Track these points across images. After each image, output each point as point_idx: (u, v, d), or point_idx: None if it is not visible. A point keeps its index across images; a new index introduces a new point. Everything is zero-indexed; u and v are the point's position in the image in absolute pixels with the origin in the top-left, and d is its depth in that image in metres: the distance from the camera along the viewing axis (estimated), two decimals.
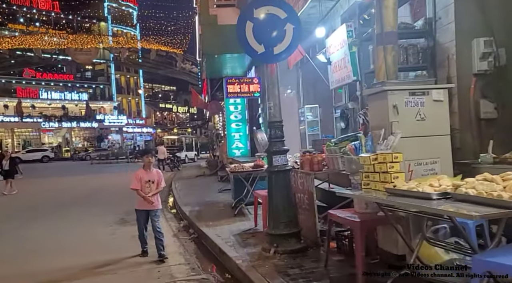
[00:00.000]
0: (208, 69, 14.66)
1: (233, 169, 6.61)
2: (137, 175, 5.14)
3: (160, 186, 5.25)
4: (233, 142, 15.43)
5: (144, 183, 5.10)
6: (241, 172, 6.65)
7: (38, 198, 12.38)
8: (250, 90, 11.67)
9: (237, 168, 6.56)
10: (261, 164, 6.63)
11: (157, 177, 5.24)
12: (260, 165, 6.62)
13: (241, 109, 15.43)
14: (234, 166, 6.70)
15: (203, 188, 11.75)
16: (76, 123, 46.18)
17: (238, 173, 6.67)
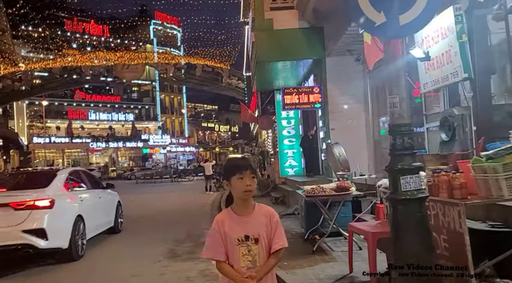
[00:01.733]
0: (259, 80, 13.54)
1: (310, 192, 5.23)
2: (217, 226, 2.22)
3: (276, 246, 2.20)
4: (286, 160, 14.07)
5: (235, 245, 2.15)
6: (321, 197, 5.25)
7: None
8: (310, 101, 10.32)
9: (316, 191, 5.17)
10: (346, 186, 5.21)
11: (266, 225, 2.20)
12: (346, 188, 5.19)
13: (294, 124, 14.13)
14: (311, 188, 5.32)
15: None
16: (122, 143, 47.03)
17: (317, 198, 5.28)
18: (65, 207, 6.25)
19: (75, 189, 7.00)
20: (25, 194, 5.79)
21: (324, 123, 10.54)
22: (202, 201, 15.21)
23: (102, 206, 7.79)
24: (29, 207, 5.61)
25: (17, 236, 5.43)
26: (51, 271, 5.65)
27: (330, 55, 10.18)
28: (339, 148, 6.12)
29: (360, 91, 10.23)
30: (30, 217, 5.56)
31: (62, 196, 6.31)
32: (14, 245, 5.41)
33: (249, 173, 2.12)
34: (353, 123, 10.19)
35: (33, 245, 5.48)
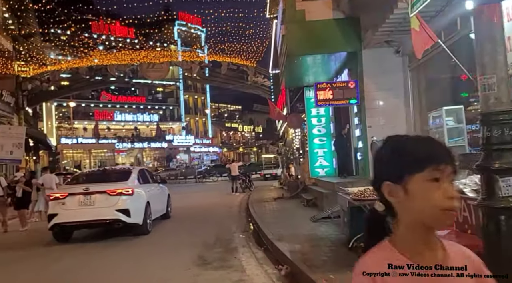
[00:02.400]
0: (288, 76, 12.95)
1: (358, 196, 4.60)
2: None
3: None
4: (316, 160, 13.42)
5: None
6: (370, 201, 4.61)
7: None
8: (345, 96, 9.66)
9: (366, 195, 4.55)
10: None
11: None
12: None
13: (325, 122, 13.46)
14: (359, 191, 4.69)
15: (290, 215, 9.82)
16: (147, 143, 47.40)
17: (367, 202, 4.64)
18: (140, 195, 8.50)
19: (144, 183, 9.26)
20: (116, 185, 8.26)
21: (360, 120, 9.84)
22: (229, 203, 14.75)
23: (159, 197, 10.15)
24: (119, 194, 8.03)
25: (112, 214, 7.83)
26: (133, 240, 7.98)
27: (367, 47, 9.48)
28: None
29: (399, 85, 9.47)
30: (120, 201, 7.96)
31: (138, 187, 8.66)
32: (110, 219, 7.85)
33: (450, 171, 0.96)
34: (392, 120, 9.44)
35: (122, 220, 7.85)
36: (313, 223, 8.11)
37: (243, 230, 8.71)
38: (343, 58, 10.58)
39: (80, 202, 7.92)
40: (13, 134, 14.24)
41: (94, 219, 7.87)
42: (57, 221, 7.80)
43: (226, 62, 20.76)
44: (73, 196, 7.98)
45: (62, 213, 7.82)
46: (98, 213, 7.84)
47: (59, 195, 8.15)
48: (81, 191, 8.02)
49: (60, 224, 7.84)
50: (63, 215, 7.81)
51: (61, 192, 8.36)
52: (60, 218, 7.81)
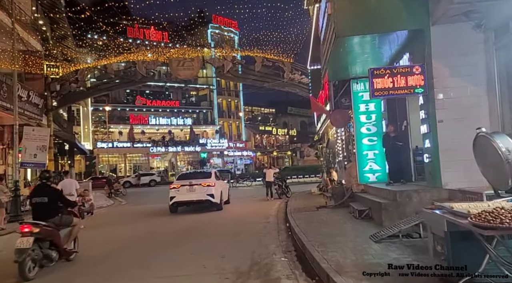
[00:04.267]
0: (333, 67, 11.21)
1: (483, 219, 2.82)
2: None
3: None
4: (366, 163, 11.57)
5: None
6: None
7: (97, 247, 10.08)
8: (409, 84, 7.82)
9: (501, 218, 2.77)
10: None
11: None
12: None
13: (375, 119, 11.58)
14: (484, 213, 2.90)
15: (341, 230, 8.07)
16: (181, 147, 46.87)
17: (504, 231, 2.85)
18: (217, 186, 13.88)
19: (217, 179, 14.46)
20: (205, 180, 13.59)
21: (428, 114, 7.94)
22: (265, 211, 13.14)
23: (225, 188, 15.69)
24: (208, 185, 13.36)
25: (204, 196, 13.19)
26: (215, 211, 13.35)
27: (437, 22, 7.62)
28: (506, 140, 3.67)
29: (481, 69, 7.52)
30: (208, 189, 13.28)
31: (216, 181, 13.98)
32: (203, 200, 13.21)
33: None
34: (471, 113, 7.48)
35: (210, 200, 13.23)
36: (376, 243, 6.33)
37: (285, 250, 7.06)
38: (402, 40, 8.74)
39: (187, 189, 13.34)
40: (36, 136, 13.53)
41: (195, 199, 13.31)
42: (175, 200, 13.34)
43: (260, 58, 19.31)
44: (183, 186, 13.41)
45: (177, 196, 13.32)
46: (197, 196, 13.26)
47: (176, 186, 13.55)
48: (187, 183, 13.44)
49: (176, 202, 13.38)
50: (178, 197, 13.33)
51: (176, 184, 13.68)
52: (177, 198, 13.32)
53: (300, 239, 7.35)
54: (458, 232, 3.70)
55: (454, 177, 7.38)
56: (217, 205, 13.45)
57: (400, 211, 7.64)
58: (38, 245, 5.85)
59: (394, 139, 9.95)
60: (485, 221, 2.69)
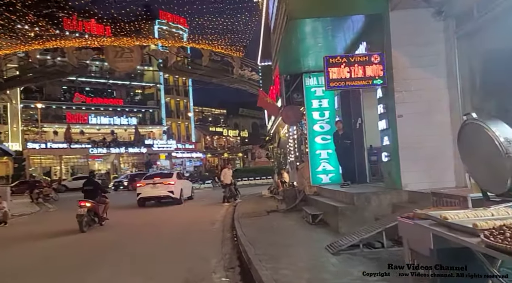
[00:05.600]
0: (285, 59, 10.32)
1: (498, 235, 1.90)
2: None
3: None
4: (319, 163, 10.82)
5: None
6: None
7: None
8: (367, 75, 7.06)
9: (506, 234, 1.86)
10: None
11: None
12: None
13: (329, 116, 10.87)
14: (500, 227, 2.00)
15: (294, 239, 7.11)
16: (125, 148, 44.06)
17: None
18: (178, 184, 16.54)
19: (179, 179, 17.29)
20: (167, 179, 16.42)
21: (387, 108, 7.24)
22: (210, 217, 11.94)
23: (187, 186, 18.24)
24: (168, 183, 16.18)
25: (166, 192, 16.00)
26: (174, 206, 15.71)
27: (396, 7, 6.96)
28: (504, 128, 2.85)
29: (442, 60, 6.95)
30: (169, 187, 16.06)
31: (178, 180, 16.76)
32: (165, 195, 16.11)
33: None
34: (432, 108, 6.89)
35: (170, 196, 16.03)
36: (335, 256, 5.41)
37: (228, 266, 5.94)
38: (358, 27, 8.02)
39: (151, 186, 16.03)
40: None
41: (158, 195, 16.06)
42: (141, 196, 16.04)
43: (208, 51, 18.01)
44: (148, 184, 16.22)
45: (143, 192, 16.08)
46: (160, 192, 15.92)
47: (141, 184, 16.48)
48: (151, 182, 16.18)
49: (142, 197, 16.06)
50: (143, 193, 16.06)
51: (142, 183, 16.61)
52: (142, 194, 16.05)
53: (247, 251, 6.26)
54: (448, 250, 2.81)
55: (415, 177, 6.73)
56: (177, 200, 16.05)
57: (358, 216, 6.85)
58: (88, 213, 10.07)
59: (343, 137, 9.27)
60: (490, 237, 1.78)
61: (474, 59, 6.62)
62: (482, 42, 6.48)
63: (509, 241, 1.84)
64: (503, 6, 5.57)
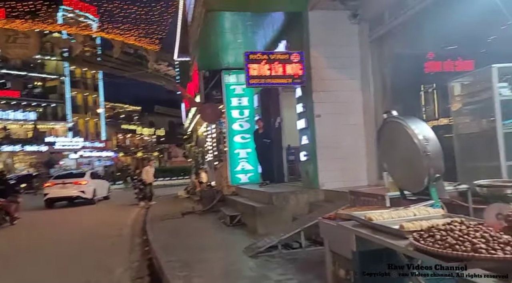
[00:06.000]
0: (203, 54, 9.89)
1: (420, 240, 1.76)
2: None
3: None
4: (238, 163, 10.60)
5: None
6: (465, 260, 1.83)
7: None
8: (287, 73, 7.00)
9: (435, 237, 1.72)
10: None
11: None
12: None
13: (249, 115, 10.72)
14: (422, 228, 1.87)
15: (209, 242, 6.73)
16: (21, 146, 39.08)
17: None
18: (90, 184, 16.26)
19: (93, 178, 17.05)
20: (79, 179, 16.14)
21: (306, 108, 7.27)
22: (119, 220, 10.95)
23: (102, 186, 17.80)
24: (79, 183, 15.86)
25: (77, 192, 15.58)
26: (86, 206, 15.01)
27: (315, 7, 7.02)
28: (422, 126, 2.84)
29: (356, 62, 7.20)
30: (81, 187, 15.72)
31: (91, 180, 16.50)
32: (75, 196, 15.62)
33: None
34: (347, 108, 7.09)
35: (81, 196, 15.59)
36: (252, 259, 5.16)
37: (135, 275, 5.33)
38: (278, 24, 7.97)
39: (60, 187, 15.63)
40: None
41: (67, 195, 15.66)
42: (48, 196, 15.52)
43: (119, 43, 16.64)
44: (57, 184, 15.77)
45: (51, 192, 15.54)
46: (70, 192, 15.57)
47: (50, 184, 15.97)
48: (61, 182, 15.82)
49: (50, 198, 15.54)
50: (51, 193, 15.53)
51: (50, 182, 16.13)
52: (50, 195, 15.51)
53: (158, 258, 5.71)
54: (370, 252, 2.70)
55: (331, 176, 6.85)
56: (89, 200, 15.75)
57: (276, 216, 6.74)
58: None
59: (263, 136, 9.20)
60: (447, 246, 1.65)
61: (385, 62, 6.97)
62: (392, 47, 6.85)
63: (439, 244, 1.71)
64: (411, 13, 5.90)
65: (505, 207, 1.94)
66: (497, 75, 3.25)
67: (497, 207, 1.97)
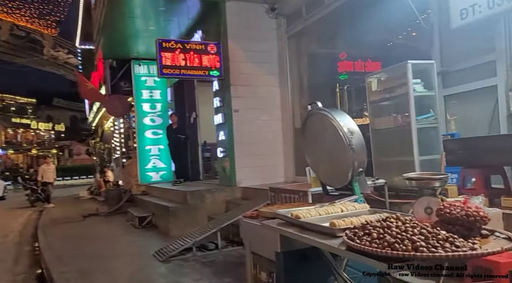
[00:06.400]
0: (108, 39, 8.95)
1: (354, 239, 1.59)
2: None
3: None
4: (149, 160, 9.92)
5: None
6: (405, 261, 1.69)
7: None
8: (203, 65, 6.62)
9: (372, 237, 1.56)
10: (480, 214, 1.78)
11: None
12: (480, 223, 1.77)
13: (161, 109, 10.10)
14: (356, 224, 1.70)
15: (113, 248, 6.03)
16: None
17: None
18: None
19: None
20: None
21: (223, 102, 6.98)
22: (4, 225, 9.40)
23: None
24: None
25: None
26: None
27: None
28: (347, 119, 2.74)
29: (274, 57, 7.14)
30: None
31: None
32: None
33: None
34: (265, 104, 6.99)
35: None
36: (164, 264, 4.70)
37: None
38: (194, 13, 7.52)
39: None
40: None
41: None
42: None
43: (8, 24, 14.20)
44: None
45: None
46: None
47: None
48: None
49: None
50: None
51: None
52: None
53: (50, 269, 4.90)
54: (294, 252, 2.52)
55: (249, 173, 6.68)
56: None
57: (191, 216, 6.33)
58: None
59: (177, 131, 8.69)
60: (385, 245, 1.49)
61: (302, 59, 7.03)
62: (309, 44, 6.93)
63: (377, 243, 1.54)
64: (326, 11, 5.99)
65: (434, 200, 1.89)
66: (411, 71, 3.34)
67: (426, 201, 1.91)
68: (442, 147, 3.35)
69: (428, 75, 3.47)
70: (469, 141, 2.95)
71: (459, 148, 2.95)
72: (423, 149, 3.36)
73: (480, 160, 2.78)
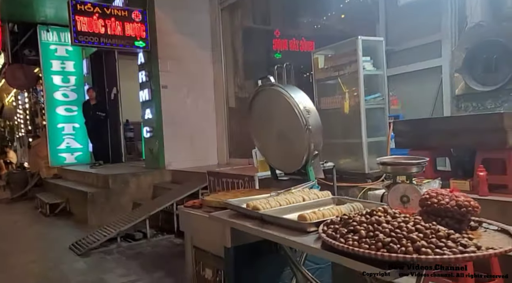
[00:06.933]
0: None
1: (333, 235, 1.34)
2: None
3: None
4: (62, 140, 8.86)
5: None
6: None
7: None
8: (127, 34, 5.84)
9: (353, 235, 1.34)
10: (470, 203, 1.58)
11: None
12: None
13: (76, 83, 8.99)
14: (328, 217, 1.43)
15: (19, 240, 5.17)
16: None
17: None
18: None
19: None
20: None
21: (150, 77, 6.30)
22: None
23: None
24: None
25: None
26: None
27: None
28: (302, 96, 2.46)
29: (206, 30, 6.61)
30: None
31: None
32: None
33: None
34: (197, 80, 6.49)
35: None
36: (83, 257, 4.09)
37: None
38: None
39: None
40: None
41: None
42: None
43: None
44: None
45: None
46: None
47: None
48: None
49: None
50: None
51: None
52: None
53: None
54: (245, 247, 2.20)
55: (179, 155, 6.19)
56: None
57: (113, 203, 5.69)
58: None
59: (96, 108, 7.76)
60: (380, 246, 1.24)
61: (236, 34, 6.62)
62: (244, 18, 6.53)
63: (369, 243, 1.27)
64: None
65: (410, 188, 1.71)
66: (361, 47, 3.17)
67: (402, 188, 1.72)
68: (388, 129, 3.28)
69: (377, 53, 3.34)
70: (419, 123, 2.89)
71: (409, 130, 2.88)
72: (370, 130, 3.25)
73: (430, 142, 2.73)
